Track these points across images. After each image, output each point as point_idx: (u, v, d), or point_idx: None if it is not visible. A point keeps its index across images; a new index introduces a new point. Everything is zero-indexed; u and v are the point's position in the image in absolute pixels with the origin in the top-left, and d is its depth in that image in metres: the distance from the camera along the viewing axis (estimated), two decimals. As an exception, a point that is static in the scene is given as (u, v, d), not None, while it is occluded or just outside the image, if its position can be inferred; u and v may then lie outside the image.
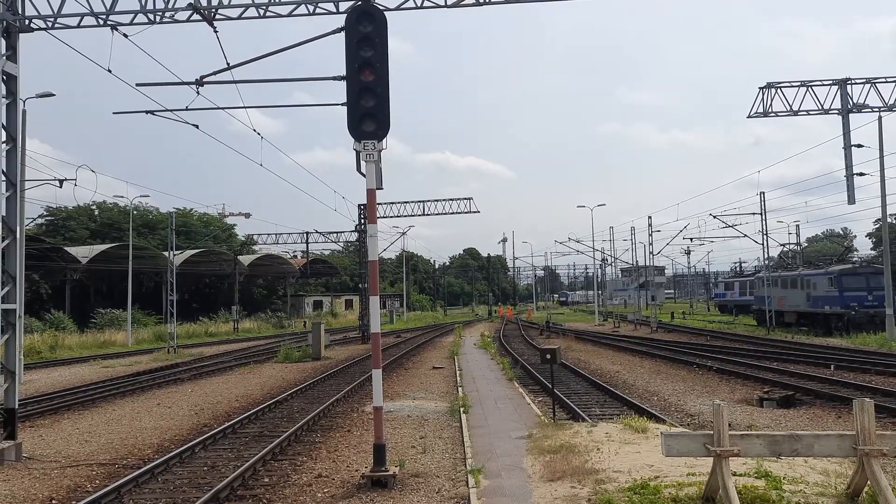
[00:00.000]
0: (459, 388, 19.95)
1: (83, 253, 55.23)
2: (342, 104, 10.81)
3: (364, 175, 10.32)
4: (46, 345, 40.39)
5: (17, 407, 12.73)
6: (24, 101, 25.81)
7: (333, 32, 11.17)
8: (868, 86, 28.12)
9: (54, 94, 26.96)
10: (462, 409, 15.74)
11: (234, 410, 17.94)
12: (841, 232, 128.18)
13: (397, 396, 19.42)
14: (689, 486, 8.35)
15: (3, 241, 12.31)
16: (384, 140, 10.29)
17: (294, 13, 12.66)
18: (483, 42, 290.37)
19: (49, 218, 66.77)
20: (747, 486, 8.08)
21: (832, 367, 23.55)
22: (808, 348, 31.02)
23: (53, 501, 9.84)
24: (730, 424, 13.92)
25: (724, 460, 7.35)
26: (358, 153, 10.32)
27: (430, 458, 11.50)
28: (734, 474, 8.41)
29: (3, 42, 12.39)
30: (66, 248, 54.67)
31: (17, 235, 12.77)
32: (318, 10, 12.56)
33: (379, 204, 55.07)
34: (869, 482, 7.44)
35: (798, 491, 8.11)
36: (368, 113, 10.01)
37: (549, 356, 14.17)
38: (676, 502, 7.90)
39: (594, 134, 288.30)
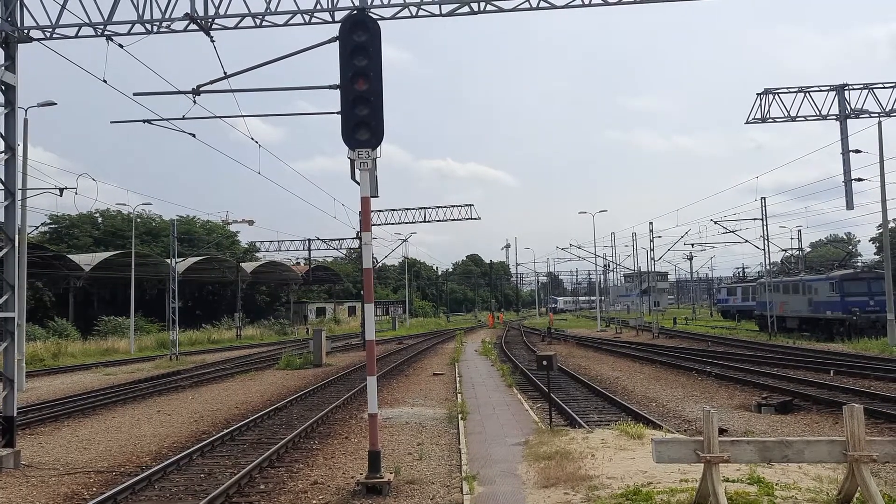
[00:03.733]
0: (458, 395, 19.97)
1: (86, 261, 55.37)
2: (337, 113, 10.88)
3: (359, 183, 10.39)
4: (49, 352, 40.46)
5: (15, 415, 12.78)
6: (25, 111, 26.12)
7: (328, 42, 11.27)
8: (866, 91, 28.15)
9: (56, 103, 27.16)
10: (460, 416, 15.78)
11: (234, 417, 17.98)
12: (844, 237, 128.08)
13: (397, 403, 19.46)
14: (681, 493, 8.37)
15: (1, 249, 12.38)
16: (378, 148, 10.36)
17: (290, 23, 12.76)
18: (482, 50, 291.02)
19: (52, 226, 67.04)
20: (739, 492, 8.10)
21: (832, 372, 23.53)
22: (808, 354, 30.96)
23: (50, 509, 9.90)
24: (727, 430, 14.05)
25: (714, 466, 7.37)
26: (352, 161, 10.39)
27: (425, 465, 11.54)
28: (728, 480, 8.45)
29: (2, 52, 12.50)
30: (69, 256, 54.85)
31: (16, 244, 12.85)
32: (313, 20, 12.66)
33: (380, 211, 55.41)
34: (859, 488, 7.47)
35: (790, 497, 8.12)
36: (362, 122, 10.08)
37: (545, 362, 14.20)
38: (668, 508, 7.93)
39: (595, 140, 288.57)
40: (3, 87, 12.57)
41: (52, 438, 15.64)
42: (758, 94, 29.12)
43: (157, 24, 12.70)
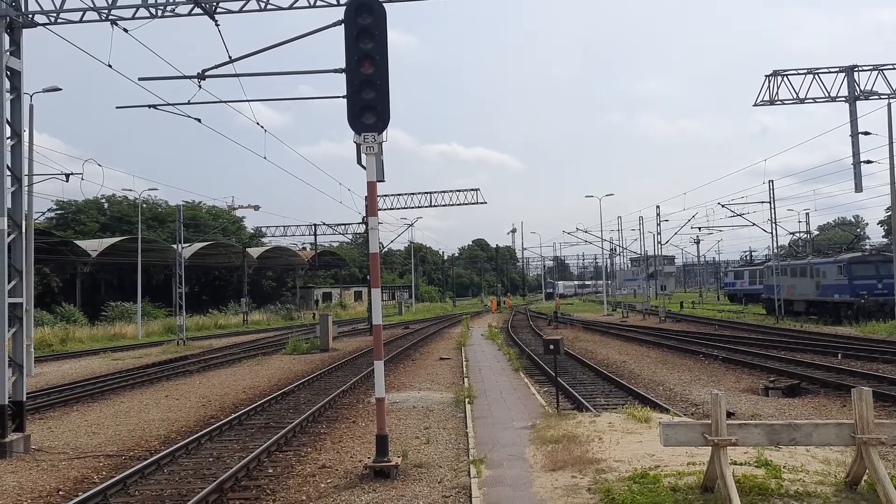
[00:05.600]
0: (465, 379, 20.01)
1: (93, 246, 55.53)
2: (343, 97, 10.81)
3: (365, 167, 10.35)
4: (57, 338, 40.68)
5: (25, 399, 12.84)
6: (31, 96, 26.09)
7: (333, 25, 11.18)
8: (875, 73, 27.88)
9: (61, 89, 27.12)
10: (467, 400, 15.80)
11: (242, 402, 18.06)
12: (853, 220, 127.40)
13: (403, 387, 19.50)
14: (689, 476, 8.38)
15: (8, 235, 12.40)
16: (384, 132, 10.30)
17: (295, 6, 12.68)
18: (485, 34, 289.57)
19: (59, 212, 67.19)
20: (746, 475, 8.10)
21: (839, 355, 23.47)
22: (816, 337, 30.91)
23: (60, 492, 9.96)
24: (734, 413, 14.03)
25: (722, 450, 7.36)
26: (358, 146, 10.34)
27: (433, 449, 11.56)
28: (735, 463, 8.43)
29: (7, 38, 12.45)
30: (76, 242, 55.00)
31: (23, 230, 12.87)
32: (318, 3, 12.57)
33: (386, 195, 55.38)
34: (868, 471, 7.45)
35: (797, 479, 8.12)
36: (368, 105, 10.01)
37: (552, 347, 14.19)
38: (676, 491, 7.92)
39: (600, 124, 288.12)
40: (8, 73, 12.52)
41: (62, 423, 15.73)
42: (766, 76, 28.88)
43: (162, 8, 12.63)
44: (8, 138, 12.54)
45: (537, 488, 8.64)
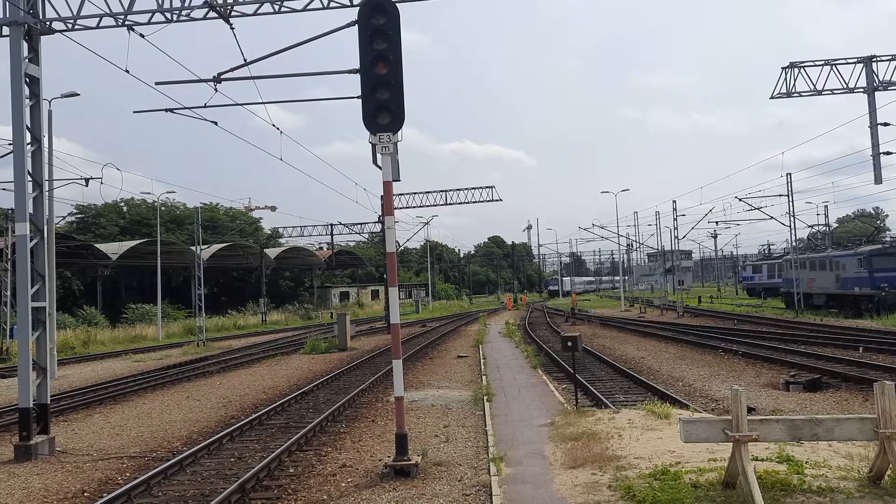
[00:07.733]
0: (483, 377, 20.02)
1: (113, 249, 56.10)
2: (358, 97, 10.85)
3: (380, 167, 10.39)
4: (79, 340, 41.18)
5: (49, 402, 13.01)
6: (49, 102, 26.38)
7: (347, 26, 11.24)
8: (894, 63, 27.51)
9: (79, 94, 27.38)
10: (485, 398, 15.82)
11: (262, 402, 18.17)
12: (872, 211, 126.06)
13: (422, 386, 19.54)
14: (710, 472, 8.35)
15: (30, 240, 12.56)
16: (399, 132, 10.34)
17: (308, 8, 12.73)
18: (496, 31, 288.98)
19: (79, 216, 67.88)
20: (768, 471, 8.06)
21: (861, 349, 23.25)
22: (836, 331, 30.61)
23: (85, 494, 10.08)
24: (754, 409, 13.96)
25: (743, 446, 7.33)
26: (374, 146, 10.38)
27: (452, 447, 11.59)
28: (756, 459, 8.40)
29: (25, 45, 12.60)
30: (96, 245, 55.61)
31: (45, 234, 13.03)
32: (332, 4, 12.63)
33: (401, 194, 55.54)
34: (891, 465, 7.40)
35: (820, 475, 8.07)
36: (383, 105, 10.06)
37: (570, 343, 14.17)
38: (697, 488, 7.90)
39: (614, 119, 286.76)
40: (27, 80, 12.68)
41: (85, 425, 15.91)
42: (783, 68, 28.52)
43: (177, 12, 12.74)
44: (28, 144, 12.70)
45: (557, 486, 8.65)
